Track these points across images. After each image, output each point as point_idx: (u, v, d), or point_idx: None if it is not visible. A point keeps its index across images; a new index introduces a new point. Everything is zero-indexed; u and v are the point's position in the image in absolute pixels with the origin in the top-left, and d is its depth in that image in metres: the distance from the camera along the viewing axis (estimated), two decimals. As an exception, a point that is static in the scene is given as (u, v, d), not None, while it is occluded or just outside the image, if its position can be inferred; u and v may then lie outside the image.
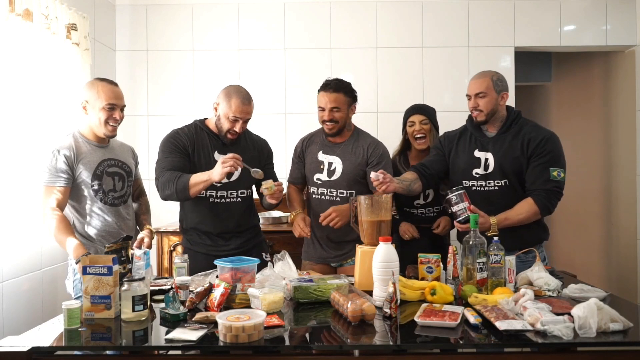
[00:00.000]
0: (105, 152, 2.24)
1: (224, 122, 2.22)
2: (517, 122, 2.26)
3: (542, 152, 2.18)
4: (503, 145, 2.23)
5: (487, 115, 2.23)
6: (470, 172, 2.26)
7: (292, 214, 2.42)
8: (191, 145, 2.24)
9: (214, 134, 2.30)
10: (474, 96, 2.24)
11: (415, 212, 2.60)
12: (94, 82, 2.20)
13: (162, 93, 3.74)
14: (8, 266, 2.41)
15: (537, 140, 2.19)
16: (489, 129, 2.29)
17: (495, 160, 2.22)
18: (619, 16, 3.71)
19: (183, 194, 2.10)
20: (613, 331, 1.42)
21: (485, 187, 2.24)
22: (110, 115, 2.15)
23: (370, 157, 2.38)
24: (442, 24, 3.72)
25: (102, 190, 2.18)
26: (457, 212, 2.06)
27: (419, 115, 2.59)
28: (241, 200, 2.32)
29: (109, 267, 1.66)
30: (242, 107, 2.20)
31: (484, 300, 1.69)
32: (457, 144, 2.34)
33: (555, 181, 2.16)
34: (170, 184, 2.11)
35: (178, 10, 3.72)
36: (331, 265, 2.44)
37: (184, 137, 2.25)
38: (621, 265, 3.98)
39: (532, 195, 2.16)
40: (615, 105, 4.09)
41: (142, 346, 1.51)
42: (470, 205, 2.04)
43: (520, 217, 2.13)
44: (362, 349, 1.47)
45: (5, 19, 2.31)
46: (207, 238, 2.29)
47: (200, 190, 2.13)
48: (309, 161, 2.43)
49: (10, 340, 1.45)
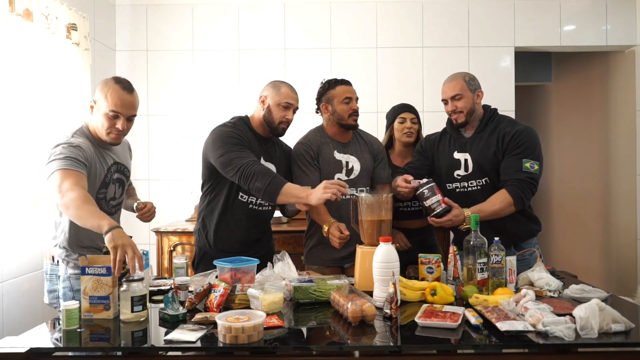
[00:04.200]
0: (112, 155, 2.08)
1: (275, 112, 2.20)
2: (493, 120, 2.26)
3: (516, 144, 2.16)
4: (480, 144, 2.23)
5: (467, 115, 2.23)
6: (452, 174, 2.26)
7: (325, 226, 2.20)
8: (247, 146, 2.16)
9: (260, 137, 2.26)
10: (451, 100, 2.24)
11: (401, 207, 2.58)
12: (108, 82, 1.95)
13: (162, 93, 3.74)
14: (8, 266, 2.41)
15: (512, 134, 2.18)
16: (467, 129, 2.29)
17: (473, 160, 2.22)
18: (619, 16, 3.71)
19: (270, 194, 2.00)
20: (615, 332, 1.41)
21: (467, 188, 2.23)
22: (112, 124, 1.94)
23: (377, 153, 2.44)
24: (442, 24, 3.72)
25: (105, 199, 2.05)
26: (431, 205, 2.05)
27: (409, 113, 2.63)
28: (271, 209, 2.31)
29: (108, 268, 1.65)
30: (292, 93, 2.23)
31: (484, 300, 1.68)
32: (437, 147, 2.35)
33: (528, 172, 2.12)
34: (265, 177, 1.99)
35: (178, 10, 3.72)
36: (344, 266, 2.37)
37: (244, 135, 2.17)
38: (621, 266, 3.97)
39: (505, 186, 2.12)
40: (615, 106, 4.09)
41: (141, 347, 1.50)
42: (443, 197, 2.04)
43: (494, 208, 2.08)
44: (363, 349, 1.46)
45: (5, 19, 2.30)
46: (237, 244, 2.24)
47: (286, 201, 2.08)
48: (325, 162, 2.35)
49: (9, 341, 1.44)
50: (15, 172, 2.43)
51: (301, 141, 2.41)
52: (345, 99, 2.34)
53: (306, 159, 2.34)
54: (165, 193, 3.68)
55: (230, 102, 3.68)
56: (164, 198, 3.59)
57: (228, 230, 2.24)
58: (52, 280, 2.06)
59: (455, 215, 2.03)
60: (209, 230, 2.27)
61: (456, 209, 2.03)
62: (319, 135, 2.41)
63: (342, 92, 2.35)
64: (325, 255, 2.36)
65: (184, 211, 3.54)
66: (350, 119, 2.35)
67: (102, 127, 1.95)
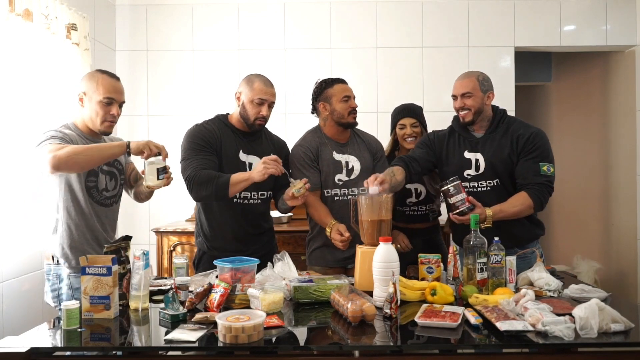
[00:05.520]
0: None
1: (249, 108, 2.20)
2: (503, 121, 2.27)
3: (532, 148, 2.18)
4: (493, 144, 2.23)
5: (474, 115, 2.23)
6: (462, 174, 2.25)
7: (328, 228, 2.20)
8: (218, 143, 2.20)
9: (239, 131, 2.26)
10: (460, 96, 2.25)
11: (408, 211, 2.59)
12: (95, 73, 2.07)
13: (162, 93, 3.74)
14: (8, 266, 2.41)
15: (526, 136, 2.19)
16: (476, 129, 2.29)
17: (485, 160, 2.22)
18: (619, 16, 3.71)
19: (222, 194, 2.07)
20: (614, 332, 1.41)
21: (477, 188, 2.23)
22: (107, 110, 2.02)
23: (375, 151, 2.44)
24: (442, 24, 3.72)
25: (97, 188, 2.07)
26: (456, 203, 2.05)
27: (409, 118, 2.59)
28: (260, 202, 2.29)
29: (108, 268, 1.65)
30: (265, 88, 2.20)
31: (484, 300, 1.68)
32: (447, 145, 2.33)
33: (546, 175, 2.15)
34: (209, 184, 2.06)
35: (178, 10, 3.72)
36: (347, 267, 2.35)
37: (211, 133, 2.20)
38: (621, 265, 3.97)
39: (525, 189, 2.14)
40: (615, 106, 4.09)
41: (141, 347, 1.50)
42: (468, 197, 2.05)
43: (515, 209, 2.11)
44: (362, 349, 1.46)
45: (5, 19, 2.30)
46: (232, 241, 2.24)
47: (239, 190, 2.11)
48: (325, 163, 2.35)
49: (9, 341, 1.44)
50: (15, 172, 2.43)
51: (299, 143, 2.40)
52: (344, 97, 2.33)
53: (305, 161, 2.33)
54: (165, 193, 3.66)
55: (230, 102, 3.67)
56: (164, 198, 3.58)
57: (220, 227, 2.25)
58: (53, 279, 2.06)
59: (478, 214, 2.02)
60: (204, 229, 2.29)
61: (479, 208, 2.04)
62: (317, 137, 2.39)
63: (341, 90, 2.35)
64: (329, 256, 2.35)
65: (184, 211, 3.54)
66: (350, 116, 2.35)
67: (96, 115, 2.02)
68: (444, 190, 2.08)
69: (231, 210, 2.22)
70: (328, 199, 2.34)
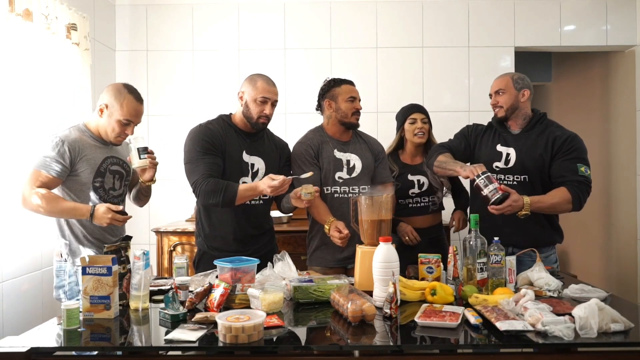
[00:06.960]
0: (108, 150, 2.19)
1: (252, 107, 2.20)
2: (542, 122, 2.32)
3: (569, 149, 2.22)
4: (527, 142, 2.28)
5: (507, 111, 2.30)
6: (491, 166, 2.28)
7: (327, 225, 2.22)
8: (222, 144, 2.20)
9: (242, 131, 2.26)
10: (495, 94, 2.34)
11: (411, 203, 2.60)
12: (122, 90, 2.11)
13: (162, 93, 3.73)
14: (8, 266, 2.41)
15: (563, 138, 2.24)
16: (512, 126, 2.35)
17: (517, 156, 2.27)
18: (619, 16, 3.71)
19: (229, 204, 2.12)
20: (614, 332, 1.42)
21: (503, 182, 2.25)
22: (123, 130, 2.12)
23: (377, 153, 2.47)
24: (442, 24, 3.72)
25: (103, 188, 2.14)
26: (489, 194, 2.06)
27: (420, 113, 2.64)
28: (262, 203, 2.31)
29: (109, 268, 1.65)
30: (268, 87, 2.21)
31: (484, 300, 1.69)
32: (482, 138, 2.40)
33: (584, 176, 2.19)
34: (217, 194, 2.08)
35: (178, 10, 3.72)
36: (347, 267, 2.36)
37: (215, 134, 2.20)
38: (621, 265, 3.97)
39: (564, 185, 2.17)
40: (615, 105, 4.09)
41: (141, 346, 1.51)
42: (500, 185, 2.05)
43: (553, 201, 2.14)
44: (362, 349, 1.46)
45: (5, 19, 2.30)
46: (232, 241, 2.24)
47: (245, 200, 2.16)
48: (326, 161, 2.36)
49: (10, 341, 1.45)
50: (16, 172, 2.43)
51: (301, 141, 2.42)
52: (350, 98, 2.36)
53: (306, 158, 2.35)
54: (165, 193, 3.67)
55: (230, 102, 3.67)
56: (164, 198, 3.59)
57: (221, 227, 2.25)
58: (60, 276, 2.14)
59: (514, 200, 2.04)
60: (205, 229, 2.29)
61: (514, 194, 2.05)
62: (318, 135, 2.41)
63: (347, 90, 2.37)
64: (328, 256, 2.36)
65: (184, 211, 3.54)
66: (353, 117, 2.37)
67: (112, 131, 2.12)
68: (475, 185, 2.11)
69: (232, 211, 2.22)
70: (327, 196, 2.35)
